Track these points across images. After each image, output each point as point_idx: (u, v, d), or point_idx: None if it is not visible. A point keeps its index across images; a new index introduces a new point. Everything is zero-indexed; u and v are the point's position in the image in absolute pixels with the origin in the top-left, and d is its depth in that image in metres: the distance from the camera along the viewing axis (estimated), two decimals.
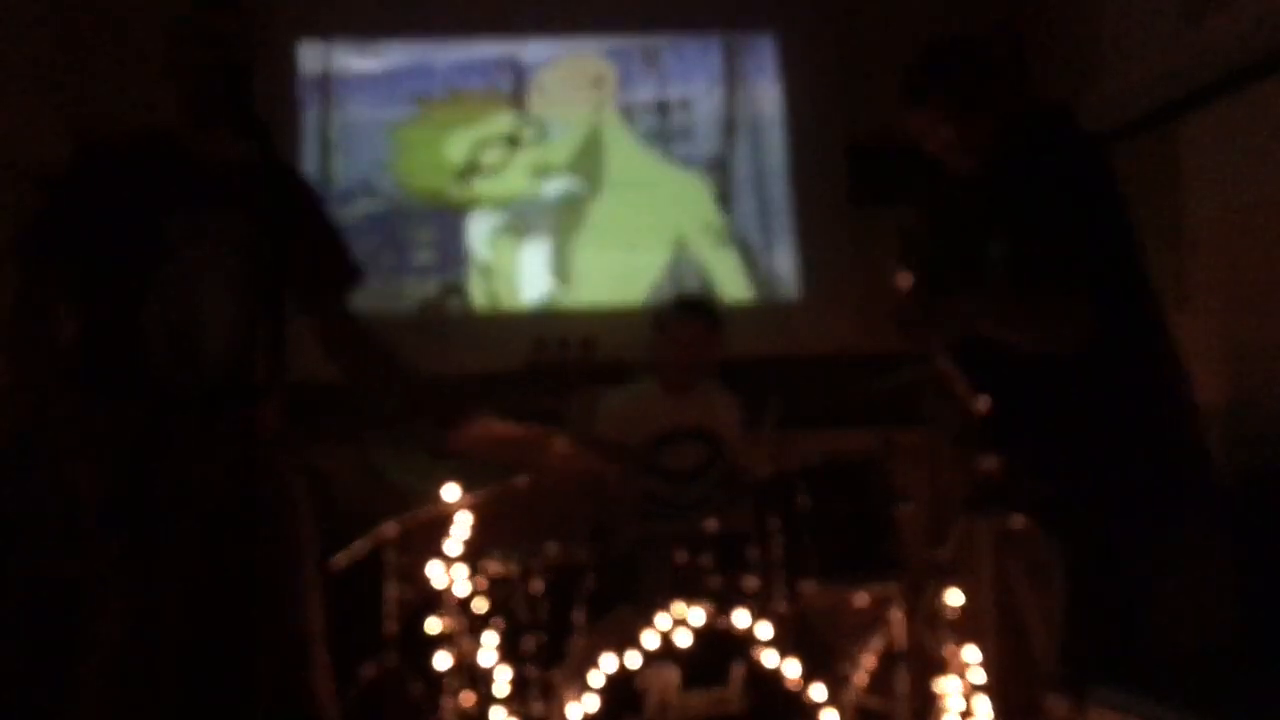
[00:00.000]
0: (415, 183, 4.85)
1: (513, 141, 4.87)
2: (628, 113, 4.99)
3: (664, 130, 4.98)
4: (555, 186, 4.94)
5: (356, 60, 4.86)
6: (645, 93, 4.99)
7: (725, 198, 5.00)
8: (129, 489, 2.29)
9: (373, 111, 4.85)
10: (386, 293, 4.75)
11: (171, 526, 2.31)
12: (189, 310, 2.38)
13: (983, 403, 2.53)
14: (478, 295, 4.90)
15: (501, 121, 4.92)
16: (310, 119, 4.79)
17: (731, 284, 4.99)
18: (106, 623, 2.31)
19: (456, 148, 4.87)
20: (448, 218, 4.88)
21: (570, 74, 4.97)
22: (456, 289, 4.84)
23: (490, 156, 4.85)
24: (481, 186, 4.86)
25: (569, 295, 4.91)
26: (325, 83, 4.81)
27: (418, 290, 4.81)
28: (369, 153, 4.87)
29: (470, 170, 4.83)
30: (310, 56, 4.81)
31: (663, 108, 4.98)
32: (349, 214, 4.78)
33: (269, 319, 2.40)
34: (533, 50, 4.97)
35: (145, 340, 2.35)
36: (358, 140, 4.85)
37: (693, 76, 5.01)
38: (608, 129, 4.97)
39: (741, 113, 5.02)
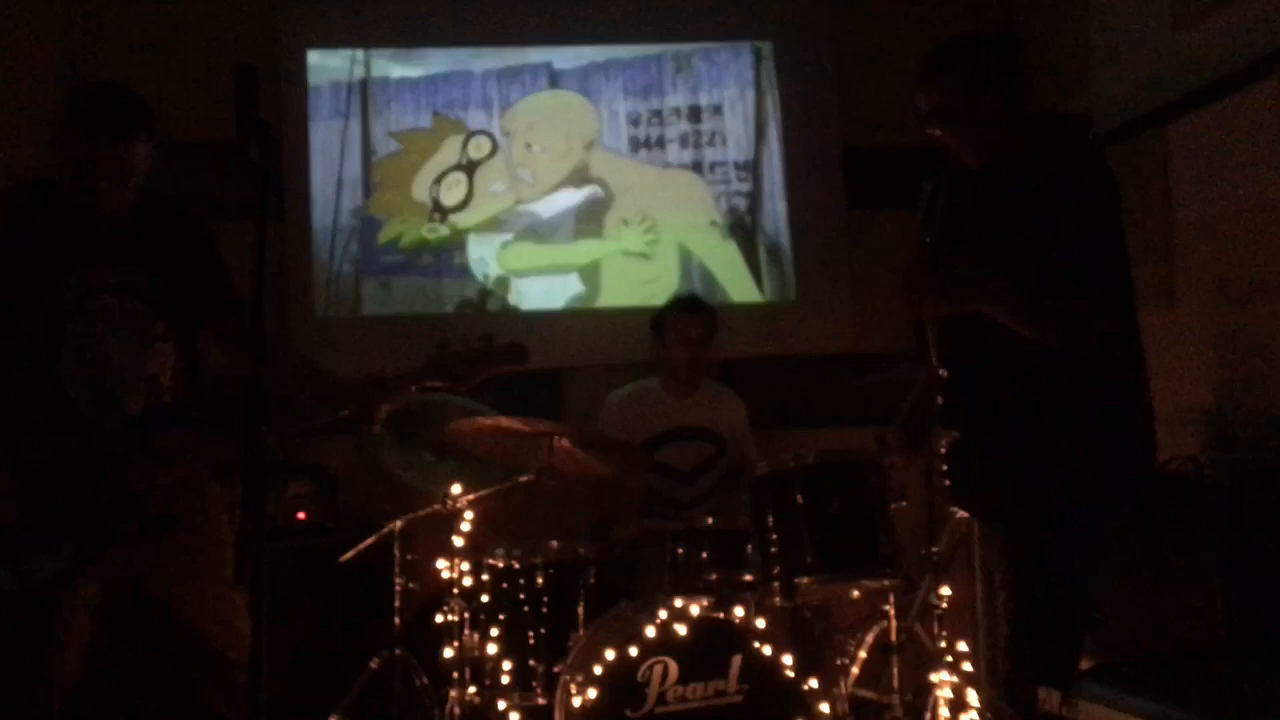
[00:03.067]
0: (393, 232, 4.92)
1: (467, 169, 4.92)
2: (629, 122, 5.04)
3: (696, 135, 5.04)
4: (560, 200, 4.99)
5: (396, 67, 4.94)
6: (677, 99, 5.06)
7: (756, 200, 5.06)
8: (57, 515, 2.41)
9: (413, 117, 4.94)
10: (427, 295, 4.84)
11: (101, 539, 2.45)
12: (102, 361, 2.51)
13: (947, 439, 2.54)
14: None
15: (449, 150, 4.96)
16: (352, 125, 4.87)
17: (735, 283, 5.04)
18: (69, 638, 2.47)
19: (419, 189, 4.93)
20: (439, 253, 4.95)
21: (541, 114, 5.03)
22: (494, 291, 4.91)
23: (451, 195, 4.91)
24: (459, 219, 4.92)
25: (596, 298, 4.98)
26: (365, 89, 4.89)
27: (457, 292, 4.88)
28: None
29: (438, 210, 4.90)
30: (350, 64, 4.90)
31: (695, 113, 5.06)
32: None
33: (178, 352, 2.59)
34: (564, 57, 5.04)
35: (65, 391, 2.47)
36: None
37: (724, 82, 5.09)
38: (594, 148, 5.03)
39: (771, 117, 5.09)
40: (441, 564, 3.53)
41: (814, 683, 3.14)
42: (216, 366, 2.71)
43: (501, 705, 3.32)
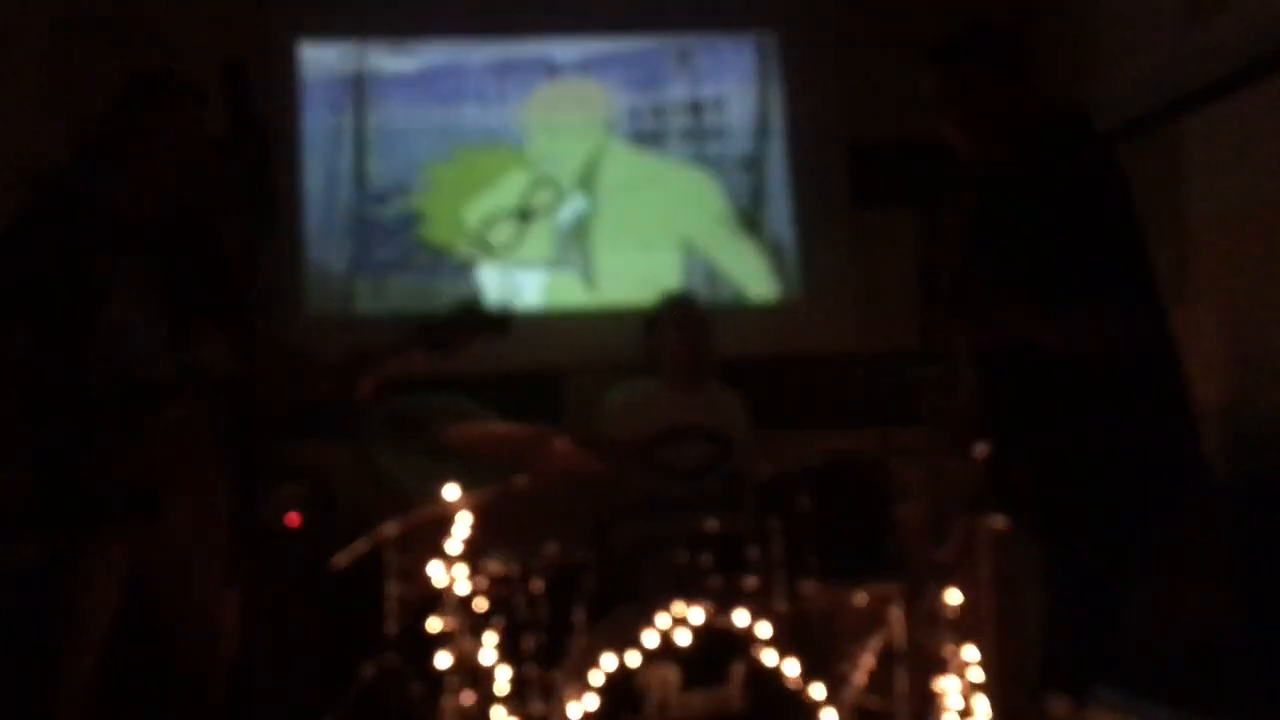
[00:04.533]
0: (433, 235, 4.89)
1: (524, 215, 4.88)
2: (629, 116, 5.00)
3: (698, 129, 5.00)
4: (568, 210, 4.96)
5: (391, 60, 4.90)
6: (678, 92, 5.01)
7: (759, 196, 5.00)
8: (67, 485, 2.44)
9: (407, 112, 4.90)
10: (419, 292, 4.80)
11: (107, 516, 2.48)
12: (127, 347, 2.54)
13: (981, 450, 2.53)
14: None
15: (513, 185, 4.90)
16: (345, 120, 4.84)
17: (749, 278, 4.99)
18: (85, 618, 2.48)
19: (472, 214, 4.89)
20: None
21: (559, 99, 5.00)
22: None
23: (500, 235, 4.87)
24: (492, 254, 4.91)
25: (595, 299, 4.94)
26: (360, 83, 4.85)
27: (450, 289, 4.83)
28: (403, 154, 4.91)
29: (481, 244, 4.87)
30: (343, 57, 4.87)
31: (696, 107, 5.01)
32: (383, 213, 4.87)
33: (191, 341, 2.63)
34: (564, 50, 5.00)
35: (91, 374, 2.50)
36: (391, 141, 4.90)
37: (726, 76, 5.04)
38: (607, 142, 4.99)
39: (774, 112, 5.05)
40: (437, 568, 3.49)
41: (818, 690, 3.10)
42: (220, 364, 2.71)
43: (498, 714, 3.29)
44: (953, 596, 3.38)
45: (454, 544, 3.49)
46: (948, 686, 3.29)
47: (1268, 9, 3.47)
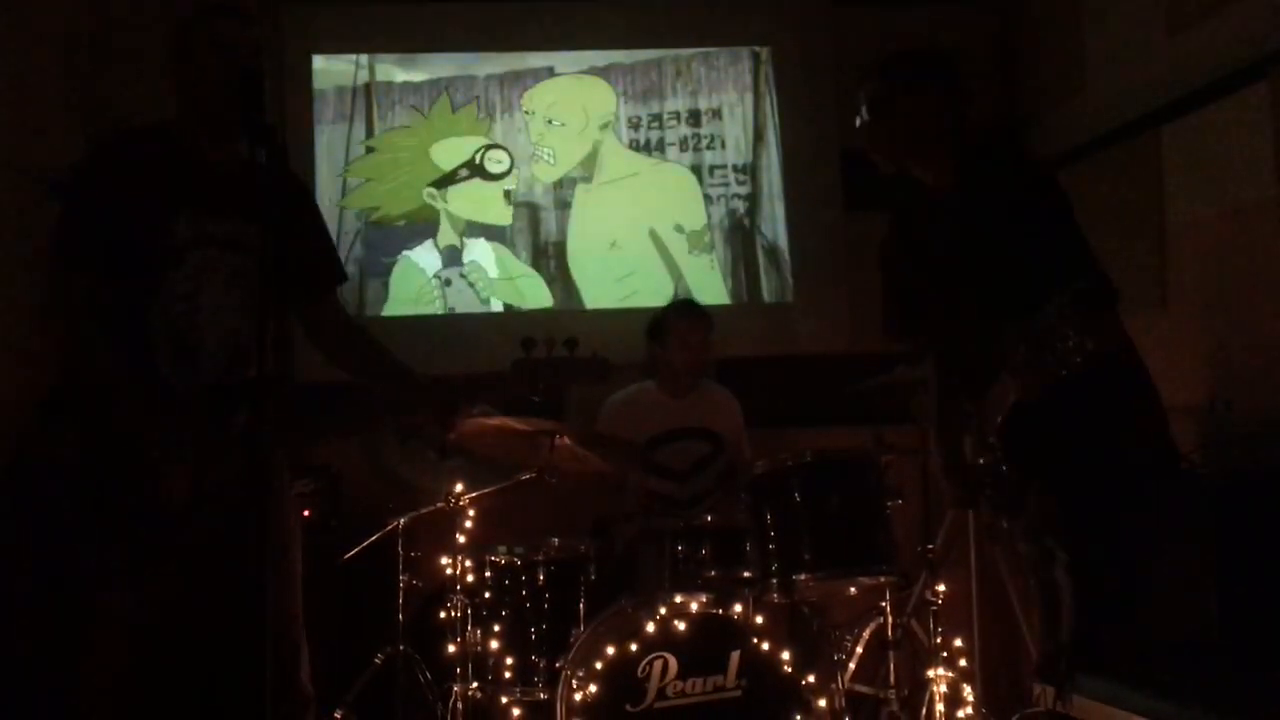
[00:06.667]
0: (392, 206, 4.96)
1: (476, 170, 5.00)
2: (629, 125, 5.09)
3: (696, 138, 5.08)
4: (551, 196, 5.04)
5: (400, 71, 5.00)
6: (677, 103, 5.10)
7: (755, 202, 5.09)
8: (142, 491, 2.31)
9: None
10: (423, 294, 4.91)
11: (184, 527, 2.34)
12: (191, 309, 2.41)
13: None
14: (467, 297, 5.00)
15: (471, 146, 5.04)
16: (356, 130, 4.93)
17: (713, 286, 5.07)
18: (110, 623, 2.36)
19: (450, 155, 4.97)
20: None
21: (562, 93, 5.09)
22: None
23: (495, 165, 4.96)
24: (457, 199, 4.96)
25: (568, 299, 5.01)
26: (370, 92, 4.95)
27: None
28: None
29: (474, 170, 4.94)
30: (354, 68, 4.96)
31: (694, 117, 5.10)
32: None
33: (273, 318, 2.35)
34: (565, 61, 5.09)
35: (147, 336, 2.39)
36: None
37: (723, 87, 5.13)
38: (608, 130, 5.08)
39: (769, 121, 5.14)
40: (444, 561, 3.55)
41: (812, 678, 3.18)
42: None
43: (504, 700, 3.35)
44: (942, 588, 3.47)
45: (461, 537, 3.57)
46: (937, 674, 3.38)
47: (1243, 23, 3.54)
